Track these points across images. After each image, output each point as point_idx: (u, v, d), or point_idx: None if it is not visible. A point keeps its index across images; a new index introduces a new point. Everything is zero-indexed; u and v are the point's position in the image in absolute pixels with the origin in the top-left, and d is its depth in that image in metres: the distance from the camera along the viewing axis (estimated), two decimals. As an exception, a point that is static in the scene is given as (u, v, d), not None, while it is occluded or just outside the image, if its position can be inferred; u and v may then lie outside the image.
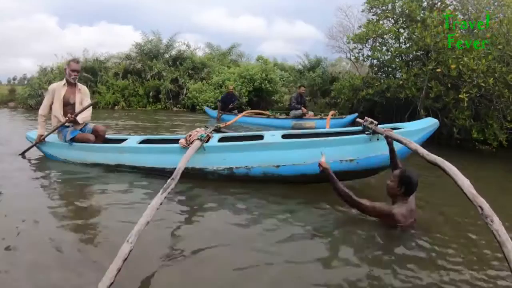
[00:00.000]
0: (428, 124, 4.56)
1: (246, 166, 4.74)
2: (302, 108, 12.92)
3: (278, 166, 4.64)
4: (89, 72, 20.08)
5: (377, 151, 4.39)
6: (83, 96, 6.00)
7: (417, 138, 4.27)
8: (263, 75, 19.53)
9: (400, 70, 11.96)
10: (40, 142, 6.06)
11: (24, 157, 6.16)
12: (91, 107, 6.01)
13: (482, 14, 10.66)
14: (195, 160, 4.62)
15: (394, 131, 4.24)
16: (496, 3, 10.88)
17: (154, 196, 3.07)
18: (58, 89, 5.88)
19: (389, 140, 4.11)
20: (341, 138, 4.56)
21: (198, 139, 4.66)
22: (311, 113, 13.18)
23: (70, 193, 4.56)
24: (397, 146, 4.12)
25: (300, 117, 12.76)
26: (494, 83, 8.79)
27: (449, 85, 9.78)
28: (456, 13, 10.84)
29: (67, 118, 5.66)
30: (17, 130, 9.79)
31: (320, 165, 3.90)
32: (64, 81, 5.94)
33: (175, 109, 20.33)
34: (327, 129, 6.27)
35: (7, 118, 14.65)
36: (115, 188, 4.67)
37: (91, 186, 4.85)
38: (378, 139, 4.37)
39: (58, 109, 5.84)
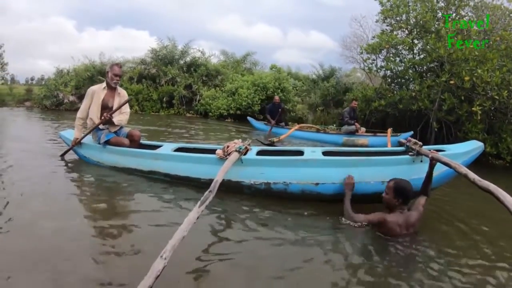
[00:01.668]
0: (473, 147, 4.33)
1: (284, 182, 4.55)
2: (356, 123, 12.14)
3: (317, 184, 4.45)
4: (104, 76, 20.14)
5: (421, 173, 4.12)
6: (122, 100, 6.00)
7: (461, 162, 3.92)
8: (276, 83, 19.48)
9: (413, 82, 11.85)
10: (75, 145, 6.08)
11: (63, 159, 6.23)
12: (128, 112, 6.10)
13: (497, 25, 10.58)
14: (232, 172, 4.45)
15: (439, 153, 4.03)
16: (511, 14, 10.79)
17: (185, 206, 3.01)
18: (98, 92, 5.88)
19: (433, 163, 3.91)
20: (384, 158, 4.38)
21: (236, 150, 4.55)
22: (363, 129, 12.32)
23: (100, 197, 4.53)
24: (442, 169, 4.02)
25: (353, 133, 12.02)
26: (508, 96, 8.67)
27: (463, 98, 9.69)
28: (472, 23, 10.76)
29: (103, 118, 5.67)
30: (36, 129, 9.99)
31: (346, 183, 3.87)
32: (104, 84, 5.97)
33: (188, 115, 20.37)
34: (369, 148, 6.02)
35: (23, 117, 15.01)
36: (146, 195, 4.66)
37: (123, 191, 4.84)
38: (421, 161, 4.18)
39: (95, 112, 5.83)
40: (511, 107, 8.95)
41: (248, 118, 16.11)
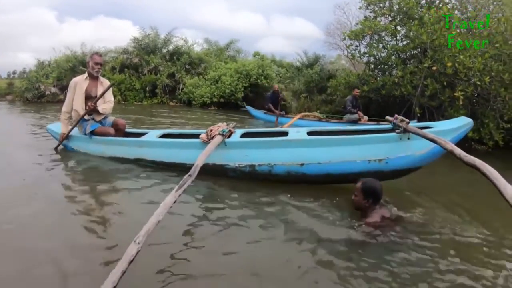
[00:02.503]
0: (461, 123, 4.21)
1: (269, 164, 4.52)
2: (358, 112, 12.02)
3: (302, 164, 4.41)
4: (86, 66, 19.90)
5: (408, 150, 4.13)
6: (105, 89, 5.90)
7: (450, 139, 3.87)
8: (260, 70, 19.47)
9: (396, 68, 11.87)
10: (64, 140, 6.04)
11: (57, 152, 6.13)
12: (112, 100, 6.08)
13: (480, 13, 10.60)
14: (216, 156, 4.49)
15: (426, 130, 3.97)
16: (495, 3, 10.80)
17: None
18: (80, 82, 5.87)
19: None
20: (370, 136, 4.32)
21: (219, 134, 4.52)
22: (365, 117, 12.08)
23: (87, 186, 4.52)
24: (429, 146, 3.98)
25: (355, 121, 11.78)
26: (490, 82, 8.71)
27: (445, 83, 9.71)
28: (455, 12, 10.77)
29: (87, 107, 5.63)
30: (19, 122, 9.93)
31: None
32: (86, 74, 5.96)
33: (171, 104, 20.24)
34: (356, 127, 5.93)
35: (5, 111, 14.84)
36: (132, 183, 4.65)
37: (109, 180, 4.79)
38: (409, 138, 4.11)
39: (80, 103, 5.82)
40: (494, 93, 9.01)
41: (247, 107, 16.02)
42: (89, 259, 2.71)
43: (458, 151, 3.20)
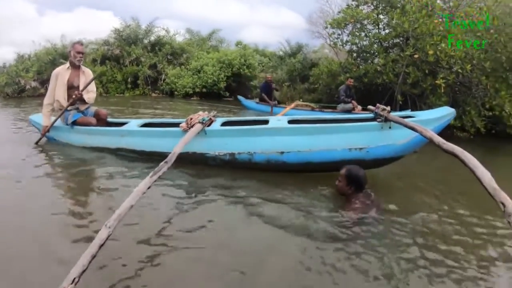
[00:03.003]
0: (444, 113, 4.20)
1: (249, 152, 4.50)
2: (352, 101, 11.88)
3: (282, 152, 4.39)
4: (66, 59, 19.61)
5: (389, 140, 4.12)
6: (87, 78, 5.87)
7: (432, 128, 3.83)
8: (242, 60, 19.37)
9: (378, 56, 11.90)
10: (46, 132, 5.93)
11: (38, 145, 5.94)
12: (95, 91, 6.02)
13: (462, 2, 10.65)
14: (195, 144, 4.48)
15: (408, 119, 3.93)
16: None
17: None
18: (62, 73, 5.77)
19: None
20: (350, 125, 4.30)
21: (199, 122, 4.48)
22: (359, 107, 11.78)
23: (66, 177, 4.47)
24: (411, 135, 3.96)
25: (349, 111, 11.56)
26: (471, 70, 8.78)
27: (427, 71, 9.79)
28: (437, 0, 10.82)
29: (74, 96, 5.55)
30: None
31: None
32: (67, 64, 5.85)
33: (153, 95, 20.01)
34: (337, 116, 5.91)
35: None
36: (112, 173, 4.56)
37: (89, 171, 4.72)
38: (390, 127, 4.08)
39: (62, 93, 5.73)
40: (475, 81, 9.08)
41: (239, 97, 15.80)
42: (63, 245, 2.73)
43: (437, 139, 3.17)
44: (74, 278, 1.97)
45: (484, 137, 9.35)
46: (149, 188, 2.87)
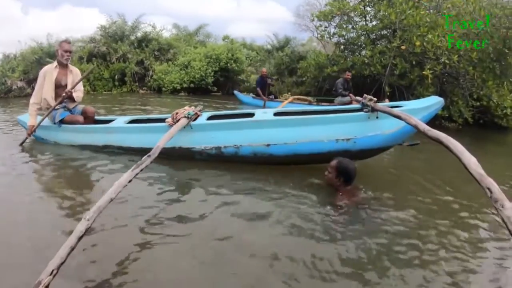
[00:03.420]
0: (431, 102, 4.16)
1: (235, 145, 4.46)
2: (350, 95, 11.52)
3: (268, 145, 4.35)
4: (53, 57, 19.43)
5: (377, 130, 4.08)
6: (74, 77, 5.82)
7: (420, 117, 3.79)
8: (229, 54, 19.25)
9: (365, 48, 11.92)
10: (33, 132, 5.80)
11: (22, 146, 5.80)
12: (82, 89, 5.97)
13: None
14: (182, 139, 4.48)
15: (395, 109, 3.88)
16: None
17: (139, 176, 2.95)
18: (50, 71, 5.68)
19: None
20: (337, 115, 4.25)
21: (184, 117, 4.45)
22: (358, 99, 11.68)
23: (54, 174, 4.43)
24: (399, 125, 3.93)
25: (347, 104, 11.46)
26: (458, 61, 8.81)
27: (414, 62, 9.81)
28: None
29: (64, 94, 5.48)
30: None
31: None
32: (55, 63, 5.76)
33: (141, 91, 19.83)
34: (324, 107, 5.86)
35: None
36: (100, 169, 4.53)
37: (76, 167, 4.66)
38: (377, 117, 4.05)
39: (49, 92, 5.64)
40: (462, 71, 9.11)
41: (235, 92, 15.55)
42: (46, 239, 2.74)
43: (422, 126, 3.17)
44: (53, 270, 2.00)
45: (472, 127, 9.41)
46: (130, 181, 2.85)
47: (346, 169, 3.59)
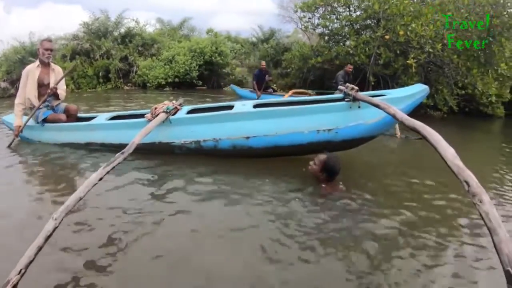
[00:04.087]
0: (416, 90, 4.11)
1: (214, 139, 4.42)
2: None
3: (248, 137, 4.31)
4: (35, 57, 19.15)
5: (359, 119, 4.03)
6: (57, 76, 5.76)
7: (403, 106, 3.83)
8: (213, 48, 19.15)
9: (349, 38, 11.90)
10: (19, 133, 5.72)
11: (10, 148, 5.67)
12: (65, 88, 5.93)
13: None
14: (161, 134, 4.46)
15: (379, 98, 3.85)
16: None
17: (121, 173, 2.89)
18: (32, 70, 5.64)
19: None
20: (317, 106, 4.20)
21: (163, 111, 4.39)
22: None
23: (35, 173, 4.41)
24: (381, 114, 3.84)
25: None
26: (442, 49, 8.83)
27: (398, 52, 9.81)
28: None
29: (49, 91, 5.44)
30: None
31: None
32: (37, 62, 5.74)
33: (126, 88, 19.63)
34: (305, 98, 5.68)
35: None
36: (82, 167, 4.50)
37: (58, 166, 4.60)
38: (359, 107, 3.99)
39: (32, 91, 5.60)
40: (446, 60, 9.13)
41: (232, 86, 15.49)
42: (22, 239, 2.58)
43: (400, 115, 3.12)
44: (21, 270, 2.02)
45: (458, 116, 9.48)
46: (101, 179, 2.78)
47: (333, 168, 3.63)
